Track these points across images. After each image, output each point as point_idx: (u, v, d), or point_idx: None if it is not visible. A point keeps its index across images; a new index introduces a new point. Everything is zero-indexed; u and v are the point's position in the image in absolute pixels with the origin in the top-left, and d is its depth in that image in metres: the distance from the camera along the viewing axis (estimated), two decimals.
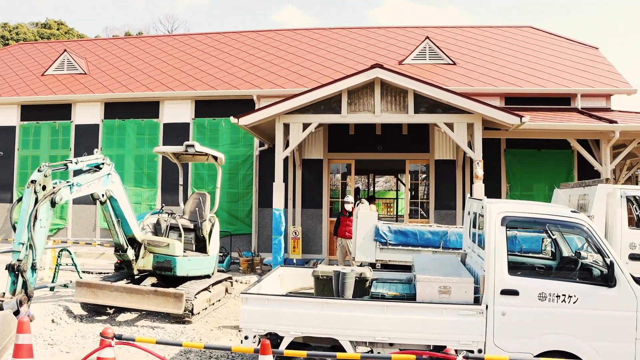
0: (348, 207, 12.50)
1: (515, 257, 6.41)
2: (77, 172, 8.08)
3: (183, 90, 17.19)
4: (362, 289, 6.19)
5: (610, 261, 5.04)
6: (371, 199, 21.40)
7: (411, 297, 5.51)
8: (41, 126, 18.35)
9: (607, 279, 5.06)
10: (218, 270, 13.79)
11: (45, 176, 6.63)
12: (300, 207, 16.20)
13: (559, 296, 5.10)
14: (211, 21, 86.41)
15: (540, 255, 6.94)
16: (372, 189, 32.05)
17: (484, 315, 5.14)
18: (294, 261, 12.91)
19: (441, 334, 5.15)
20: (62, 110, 18.23)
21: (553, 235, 6.29)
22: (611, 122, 12.90)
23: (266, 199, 15.85)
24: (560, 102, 15.79)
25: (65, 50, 20.35)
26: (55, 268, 10.53)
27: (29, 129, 18.43)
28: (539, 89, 15.63)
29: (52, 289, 10.42)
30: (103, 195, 8.21)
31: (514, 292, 5.16)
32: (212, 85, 17.27)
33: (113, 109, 17.83)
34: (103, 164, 8.21)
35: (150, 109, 17.53)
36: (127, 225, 8.93)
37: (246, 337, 5.48)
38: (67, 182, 7.22)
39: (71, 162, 7.45)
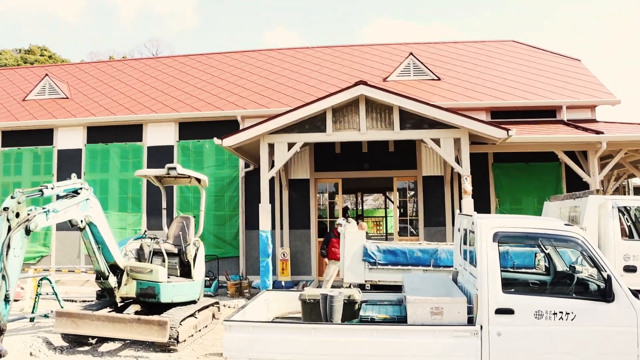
0: (340, 229, 12.23)
1: (508, 273, 6.23)
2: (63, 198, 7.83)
3: (166, 113, 16.97)
4: (351, 312, 5.96)
5: (608, 275, 4.86)
6: (360, 218, 21.34)
7: (402, 320, 5.29)
8: (22, 152, 18.02)
9: (605, 294, 4.88)
10: (205, 295, 13.51)
11: (19, 203, 6.36)
12: (288, 228, 15.94)
13: (556, 313, 4.91)
14: (200, 44, 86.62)
15: (534, 271, 6.74)
16: (360, 207, 31.84)
17: (478, 336, 4.93)
18: (282, 284, 12.61)
19: (435, 357, 4.93)
20: (44, 136, 17.94)
21: (546, 249, 6.11)
22: (598, 132, 12.84)
23: (253, 221, 15.58)
24: (546, 114, 15.76)
25: (46, 74, 20.13)
26: (35, 298, 10.18)
27: (10, 155, 18.09)
28: (525, 102, 15.60)
29: (32, 319, 10.06)
30: (82, 221, 7.93)
31: (509, 311, 4.97)
32: (196, 106, 17.08)
33: (96, 133, 17.56)
34: (81, 188, 7.94)
35: (133, 132, 17.28)
36: (108, 252, 8.63)
37: None
38: (43, 208, 6.95)
39: (47, 188, 7.17)
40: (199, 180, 10.23)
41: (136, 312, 9.19)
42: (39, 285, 10.17)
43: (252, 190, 15.69)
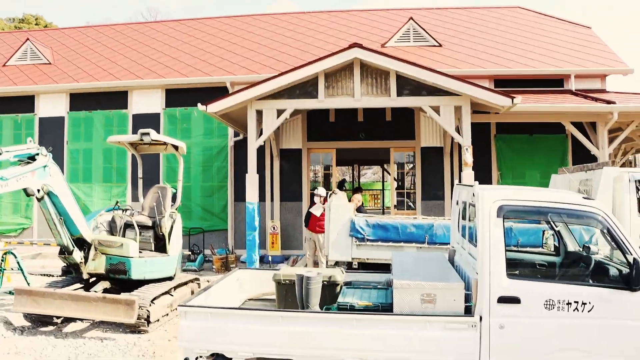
0: (317, 199, 11.48)
1: (512, 253, 5.44)
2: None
3: (152, 79, 16.06)
4: (332, 296, 5.18)
5: (634, 259, 4.03)
6: (357, 190, 20.47)
7: (388, 308, 4.48)
8: (2, 119, 17.17)
9: (630, 281, 4.04)
10: (189, 270, 12.85)
11: None
12: (279, 200, 15.18)
13: (570, 303, 4.08)
14: (202, 16, 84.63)
15: (541, 250, 5.94)
16: (358, 179, 31.07)
17: (477, 329, 4.13)
18: (270, 258, 11.88)
19: (425, 353, 4.14)
20: (25, 103, 17.06)
21: (556, 226, 5.32)
22: (609, 102, 11.98)
23: (242, 193, 14.72)
24: (553, 83, 14.84)
25: (27, 39, 19.12)
26: (0, 273, 9.44)
27: None
28: (531, 70, 14.67)
29: None
30: (39, 190, 7.14)
31: (515, 300, 4.14)
32: (184, 72, 16.17)
33: (79, 101, 16.68)
34: (38, 154, 7.12)
35: (118, 99, 16.41)
36: (72, 224, 7.87)
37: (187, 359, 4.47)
38: None
39: None
40: (176, 148, 9.42)
41: (105, 290, 8.46)
42: (2, 260, 9.42)
43: (242, 161, 14.87)
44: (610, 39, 66.52)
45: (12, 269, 9.52)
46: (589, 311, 4.09)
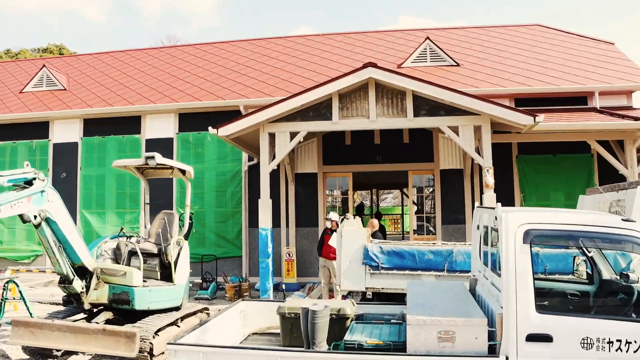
0: (328, 224, 11.01)
1: (540, 281, 4.91)
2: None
3: (165, 103, 15.88)
4: (341, 331, 4.71)
5: None
6: (378, 216, 19.96)
7: (400, 347, 3.98)
8: (17, 146, 17.13)
9: None
10: (202, 298, 12.41)
11: None
12: (295, 226, 14.76)
13: (612, 342, 3.55)
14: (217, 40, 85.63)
15: (571, 278, 5.39)
16: (376, 204, 30.48)
17: None
18: (283, 287, 11.39)
19: None
20: (40, 129, 17.03)
21: (589, 252, 4.80)
22: (637, 119, 11.41)
23: (257, 218, 14.17)
24: (576, 101, 14.31)
25: (44, 65, 19.17)
26: (1, 302, 9.10)
27: (5, 150, 17.21)
28: (552, 88, 14.16)
29: None
30: (35, 217, 6.81)
31: (546, 338, 3.62)
32: (197, 96, 15.97)
33: (93, 126, 16.58)
34: (35, 178, 6.80)
35: (131, 124, 16.27)
36: (73, 252, 7.51)
37: None
38: None
39: None
40: (183, 172, 9.05)
41: (108, 321, 8.04)
42: (4, 289, 9.09)
43: (256, 186, 14.41)
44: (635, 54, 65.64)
45: (14, 298, 9.17)
46: (634, 351, 3.53)
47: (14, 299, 9.19)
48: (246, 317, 5.51)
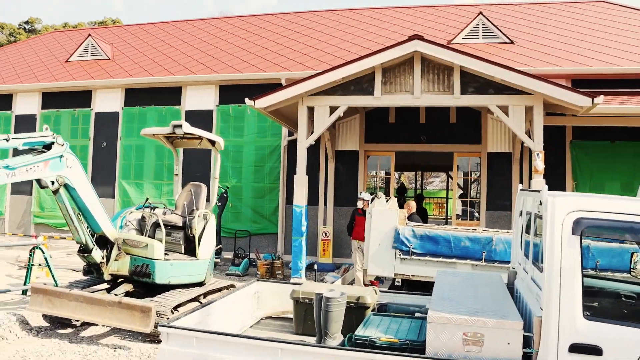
0: (360, 204, 10.46)
1: (589, 279, 4.27)
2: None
3: (206, 75, 15.58)
4: (360, 322, 4.21)
5: None
6: (420, 198, 19.28)
7: (419, 347, 3.44)
8: (61, 114, 17.25)
9: None
10: (233, 275, 12.13)
11: None
12: (333, 204, 14.30)
13: None
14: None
15: (627, 277, 4.72)
16: (421, 187, 29.68)
17: None
18: (315, 267, 10.96)
19: None
20: (83, 98, 17.06)
21: None
22: None
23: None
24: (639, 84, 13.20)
25: (89, 35, 19.16)
26: (28, 269, 9.01)
27: (50, 117, 17.36)
28: (614, 69, 13.09)
29: (24, 292, 8.92)
30: (53, 182, 6.55)
31: (594, 350, 3.01)
32: (238, 68, 15.60)
33: (134, 96, 16.48)
34: (53, 143, 6.53)
35: (172, 95, 16.07)
36: (93, 221, 7.26)
37: None
38: None
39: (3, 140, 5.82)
40: (213, 143, 8.68)
41: (128, 293, 7.80)
42: (30, 255, 8.99)
43: (295, 162, 14.10)
44: None
45: (39, 265, 9.06)
46: None
47: (39, 265, 9.08)
48: (260, 298, 5.09)
